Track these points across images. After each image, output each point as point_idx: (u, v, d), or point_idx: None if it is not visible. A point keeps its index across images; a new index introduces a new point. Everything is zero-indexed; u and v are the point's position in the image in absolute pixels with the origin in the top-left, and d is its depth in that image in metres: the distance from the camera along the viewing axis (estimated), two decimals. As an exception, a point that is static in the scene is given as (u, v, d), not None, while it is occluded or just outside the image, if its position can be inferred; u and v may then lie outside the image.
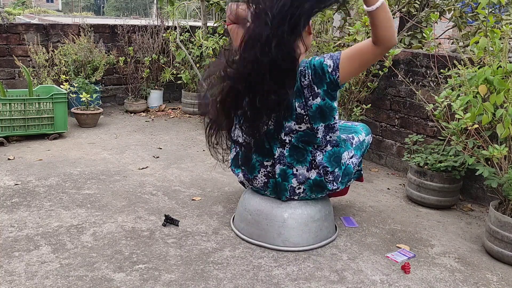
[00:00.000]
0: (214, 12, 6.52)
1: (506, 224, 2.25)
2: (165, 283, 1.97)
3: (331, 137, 2.24)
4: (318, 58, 2.14)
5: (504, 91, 2.24)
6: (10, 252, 2.16)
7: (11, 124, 3.85)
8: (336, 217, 2.69)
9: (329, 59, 2.11)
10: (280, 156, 2.27)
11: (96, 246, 2.25)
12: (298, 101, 2.16)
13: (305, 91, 2.13)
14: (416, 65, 3.39)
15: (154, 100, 5.44)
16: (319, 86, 2.12)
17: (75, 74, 4.83)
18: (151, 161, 3.59)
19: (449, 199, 2.93)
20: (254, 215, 2.37)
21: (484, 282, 2.13)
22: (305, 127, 2.20)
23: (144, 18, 8.50)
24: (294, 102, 2.16)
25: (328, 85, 2.12)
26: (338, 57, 2.10)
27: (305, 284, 2.02)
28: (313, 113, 2.16)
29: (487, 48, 2.52)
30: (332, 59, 2.10)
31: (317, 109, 2.15)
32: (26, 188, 2.92)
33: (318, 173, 2.26)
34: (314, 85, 2.12)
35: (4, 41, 4.82)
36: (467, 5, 4.13)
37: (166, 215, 2.53)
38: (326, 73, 2.10)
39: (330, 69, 2.10)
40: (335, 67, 2.09)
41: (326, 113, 2.17)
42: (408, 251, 2.35)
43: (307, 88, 2.13)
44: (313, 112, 2.15)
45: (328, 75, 2.10)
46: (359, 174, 2.65)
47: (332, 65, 2.10)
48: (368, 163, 3.80)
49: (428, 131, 3.35)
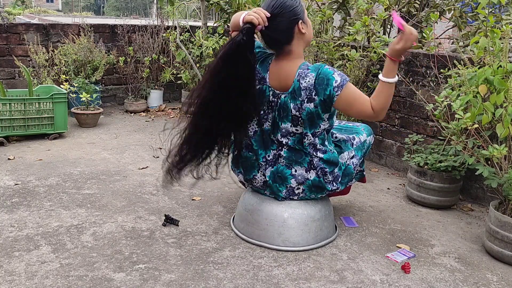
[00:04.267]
0: (214, 12, 6.53)
1: (506, 224, 2.25)
2: (165, 283, 1.97)
3: (319, 145, 2.24)
4: (328, 68, 2.13)
5: (504, 91, 2.24)
6: (10, 252, 2.16)
7: (11, 124, 3.85)
8: (336, 217, 2.69)
9: (338, 75, 2.11)
10: (274, 158, 2.27)
11: (96, 246, 2.25)
12: (293, 102, 2.16)
13: (302, 92, 2.13)
14: (416, 65, 3.39)
15: (154, 100, 5.44)
16: (318, 93, 2.11)
17: (75, 74, 4.83)
18: (151, 161, 3.59)
19: (449, 199, 2.93)
20: (254, 215, 2.37)
21: (484, 282, 2.13)
22: (301, 130, 2.20)
23: (144, 18, 8.51)
24: (289, 104, 2.16)
25: (325, 97, 2.10)
26: (346, 81, 2.10)
27: (305, 284, 2.03)
28: (306, 117, 2.16)
29: (487, 48, 2.52)
30: (341, 77, 2.10)
31: (307, 114, 2.15)
32: (26, 188, 2.92)
33: (316, 173, 2.26)
34: (314, 90, 2.11)
35: (4, 41, 4.81)
36: (467, 5, 4.12)
37: (166, 215, 2.53)
38: (330, 86, 2.09)
39: (335, 84, 2.09)
40: (339, 86, 2.09)
41: (314, 119, 2.17)
42: (408, 251, 2.35)
43: (305, 90, 2.12)
44: (305, 116, 2.15)
45: (330, 88, 2.09)
46: (361, 175, 2.65)
47: (339, 81, 2.09)
48: (368, 163, 3.80)
49: (428, 131, 3.35)
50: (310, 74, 2.12)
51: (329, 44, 3.66)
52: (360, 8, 3.55)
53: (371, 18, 3.51)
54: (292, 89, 2.15)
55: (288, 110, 2.17)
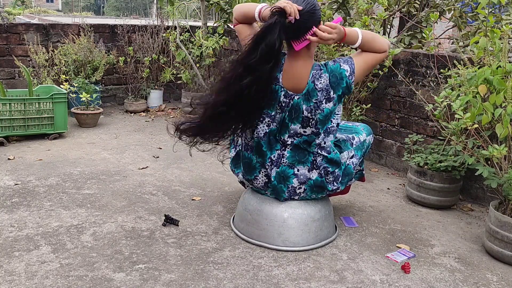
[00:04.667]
0: (214, 12, 6.52)
1: (506, 224, 2.25)
2: (165, 283, 1.97)
3: (325, 143, 2.26)
4: (333, 64, 2.18)
5: (504, 91, 2.24)
6: (10, 252, 2.16)
7: (11, 124, 3.85)
8: (336, 217, 2.69)
9: (345, 64, 2.17)
10: (278, 159, 2.27)
11: (96, 246, 2.25)
12: (306, 104, 2.17)
13: (319, 94, 2.15)
14: (416, 65, 3.39)
15: (154, 100, 5.44)
16: (335, 90, 2.16)
17: (75, 74, 4.83)
18: (151, 161, 3.59)
19: (449, 199, 2.93)
20: (254, 215, 2.37)
21: (484, 282, 2.13)
22: (310, 131, 2.21)
23: (144, 18, 8.50)
24: (302, 105, 2.17)
25: (343, 90, 2.17)
26: (353, 62, 2.18)
27: (305, 284, 2.03)
28: (324, 117, 2.18)
29: (487, 48, 2.52)
30: (347, 64, 2.17)
31: (327, 114, 2.19)
32: (26, 188, 2.92)
33: (319, 173, 2.27)
34: (331, 89, 2.15)
35: (4, 41, 4.82)
36: (467, 5, 4.12)
37: (166, 215, 2.53)
38: (344, 78, 2.16)
39: (347, 73, 2.16)
40: (351, 71, 2.17)
41: (329, 117, 2.21)
42: (408, 251, 2.35)
43: (321, 91, 2.15)
44: (323, 117, 2.18)
45: (346, 79, 2.16)
46: (361, 174, 2.65)
47: (349, 69, 2.16)
48: (368, 163, 3.80)
49: (428, 131, 3.35)
50: (323, 75, 2.15)
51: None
52: (360, 8, 3.55)
53: (371, 18, 3.51)
54: (307, 91, 2.15)
55: (300, 111, 2.18)
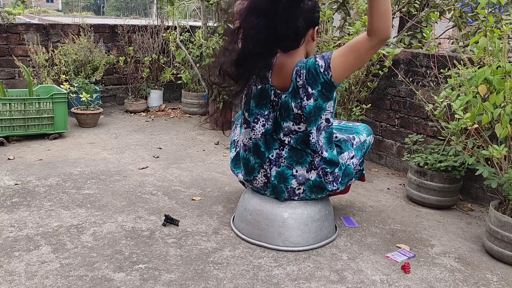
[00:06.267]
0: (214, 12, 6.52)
1: (506, 224, 2.25)
2: (165, 283, 1.97)
3: (320, 141, 2.23)
4: (312, 59, 2.14)
5: (504, 91, 2.25)
6: (10, 252, 2.16)
7: (11, 124, 3.85)
8: (336, 217, 2.69)
9: (320, 59, 2.11)
10: (277, 158, 2.27)
11: (96, 246, 2.25)
12: (294, 101, 2.16)
13: (300, 91, 2.13)
14: (416, 65, 3.39)
15: (154, 100, 5.44)
16: (313, 86, 2.12)
17: (75, 74, 4.83)
18: (151, 161, 3.59)
19: (449, 199, 2.93)
20: (254, 215, 2.37)
21: (484, 282, 2.13)
22: (304, 128, 2.20)
23: (144, 18, 8.51)
24: (290, 103, 2.16)
25: (322, 85, 2.11)
26: (329, 57, 2.10)
27: (305, 284, 2.03)
28: (308, 114, 2.16)
29: (487, 48, 2.52)
30: (323, 59, 2.11)
31: (310, 111, 2.15)
32: (26, 188, 2.92)
33: (317, 174, 2.26)
34: (308, 85, 2.12)
35: (4, 41, 4.82)
36: (467, 5, 4.13)
37: (166, 215, 2.53)
38: (320, 74, 2.10)
39: (322, 69, 2.10)
40: (326, 67, 2.09)
41: (316, 114, 2.17)
42: (408, 251, 2.35)
43: (301, 88, 2.13)
44: (307, 114, 2.15)
45: (321, 75, 2.10)
46: (361, 174, 2.65)
47: (323, 65, 2.10)
48: (368, 163, 3.80)
49: (428, 131, 3.35)
50: (302, 71, 2.13)
51: (329, 44, 3.66)
52: (360, 8, 3.55)
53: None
54: (292, 89, 2.15)
55: (290, 109, 2.17)
